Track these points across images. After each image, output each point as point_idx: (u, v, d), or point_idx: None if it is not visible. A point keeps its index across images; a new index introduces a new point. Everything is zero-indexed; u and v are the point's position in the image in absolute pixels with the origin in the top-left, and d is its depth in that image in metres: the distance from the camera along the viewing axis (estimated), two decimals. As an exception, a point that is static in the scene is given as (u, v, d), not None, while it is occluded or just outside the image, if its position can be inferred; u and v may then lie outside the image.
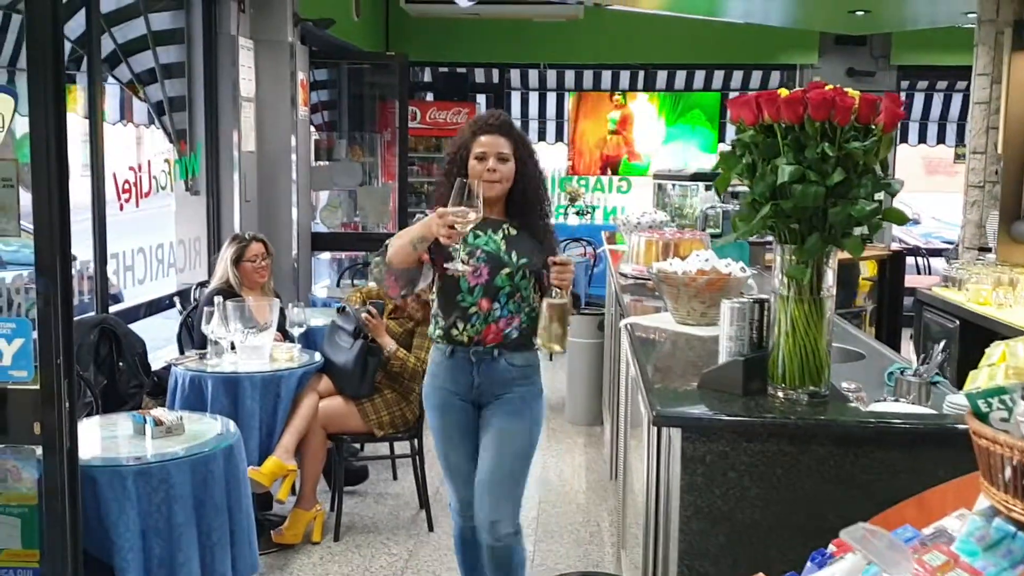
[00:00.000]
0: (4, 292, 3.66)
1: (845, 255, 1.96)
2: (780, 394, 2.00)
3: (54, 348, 2.23)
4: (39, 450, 2.31)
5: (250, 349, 3.88)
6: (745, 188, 2.02)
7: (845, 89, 1.87)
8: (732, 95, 9.31)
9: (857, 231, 1.91)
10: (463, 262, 2.62)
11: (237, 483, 2.97)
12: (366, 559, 3.76)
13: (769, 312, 2.04)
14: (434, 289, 2.83)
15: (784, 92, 1.90)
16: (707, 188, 5.16)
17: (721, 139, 9.57)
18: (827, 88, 1.86)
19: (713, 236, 4.00)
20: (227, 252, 4.27)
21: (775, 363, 2.00)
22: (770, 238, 2.02)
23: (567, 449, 5.26)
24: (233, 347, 3.88)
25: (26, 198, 2.32)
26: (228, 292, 4.11)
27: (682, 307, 2.75)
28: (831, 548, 1.33)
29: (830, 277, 1.96)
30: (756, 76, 9.48)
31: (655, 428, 2.30)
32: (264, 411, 3.80)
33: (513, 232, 2.78)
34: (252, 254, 4.24)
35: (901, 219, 1.97)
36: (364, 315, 4.00)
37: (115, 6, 4.93)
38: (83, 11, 4.37)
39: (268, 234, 4.73)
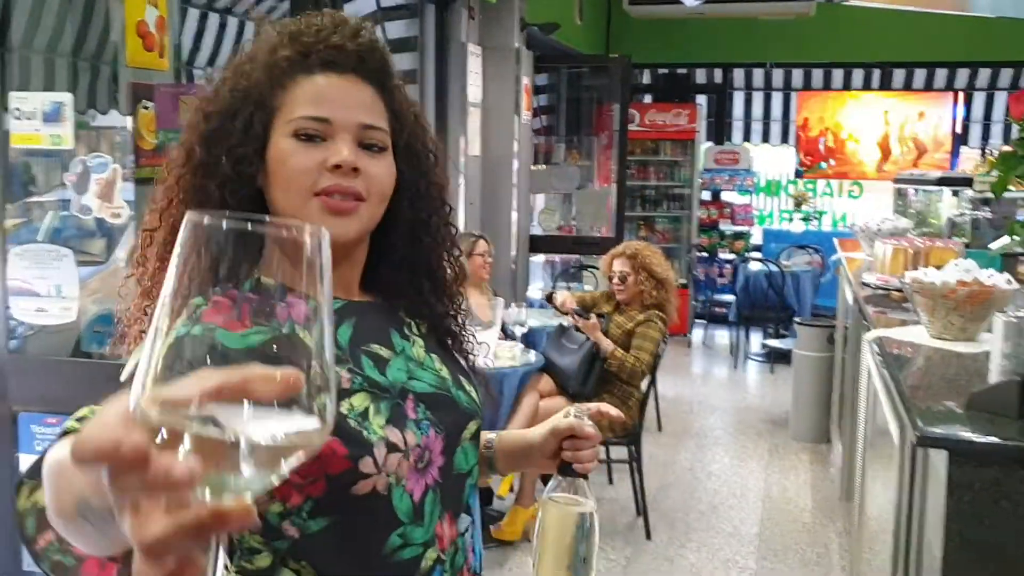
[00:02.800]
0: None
1: None
2: (1065, 420, 1.79)
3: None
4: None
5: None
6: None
7: None
8: (977, 95, 8.63)
9: None
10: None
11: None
12: (583, 562, 3.74)
13: (1052, 328, 1.84)
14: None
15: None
16: (954, 194, 4.78)
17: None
18: None
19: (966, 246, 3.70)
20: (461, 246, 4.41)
21: (1059, 385, 1.80)
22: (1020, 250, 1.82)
23: (791, 466, 5.03)
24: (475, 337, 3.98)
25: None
26: None
27: (938, 320, 2.54)
28: None
29: None
30: (1006, 74, 8.72)
31: (910, 449, 2.13)
32: (487, 409, 3.87)
33: (425, 329, 1.17)
34: (481, 250, 4.37)
35: None
36: (573, 315, 4.02)
37: (354, 14, 5.20)
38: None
39: (489, 235, 4.83)
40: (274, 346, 0.53)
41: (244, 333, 0.57)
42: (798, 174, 9.36)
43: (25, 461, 2.60)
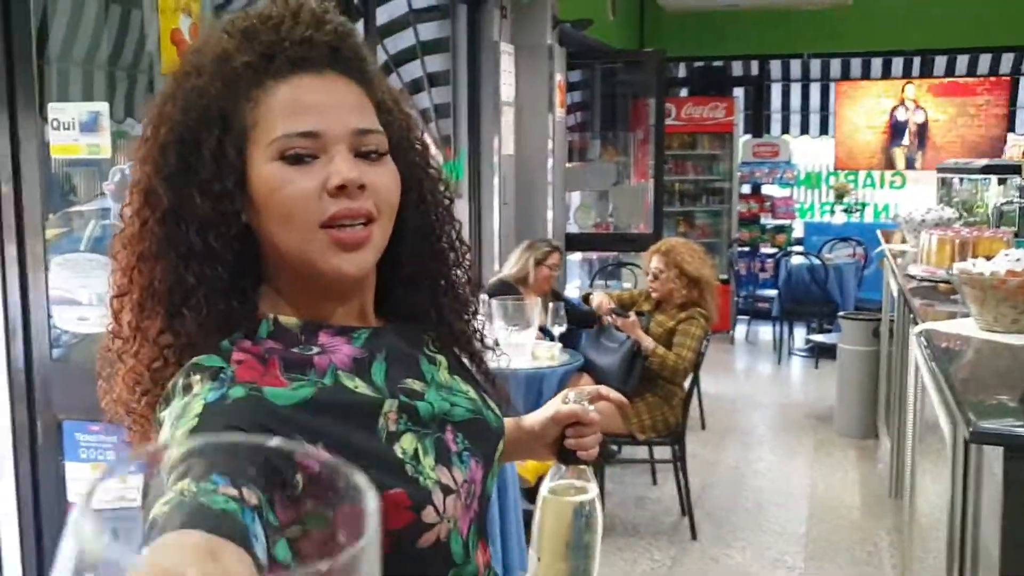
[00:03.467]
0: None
1: None
2: None
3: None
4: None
5: (513, 346, 3.94)
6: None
7: None
8: (1023, 80, 8.38)
9: None
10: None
11: (506, 476, 3.01)
12: (628, 563, 3.71)
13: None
14: None
15: None
16: (1000, 182, 4.67)
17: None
18: None
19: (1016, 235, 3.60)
20: (533, 252, 4.39)
21: (1119, 377, 1.74)
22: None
23: (837, 462, 4.94)
24: (497, 344, 3.96)
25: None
26: (509, 287, 4.21)
27: (988, 312, 2.47)
28: None
29: None
30: (1052, 57, 8.52)
31: (962, 445, 2.07)
32: (526, 408, 3.84)
33: (438, 346, 1.09)
34: (553, 261, 4.36)
35: None
36: (611, 315, 3.99)
37: (387, 19, 5.20)
38: (361, 23, 4.63)
39: (524, 235, 4.80)
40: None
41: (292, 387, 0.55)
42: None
43: (71, 469, 2.62)
